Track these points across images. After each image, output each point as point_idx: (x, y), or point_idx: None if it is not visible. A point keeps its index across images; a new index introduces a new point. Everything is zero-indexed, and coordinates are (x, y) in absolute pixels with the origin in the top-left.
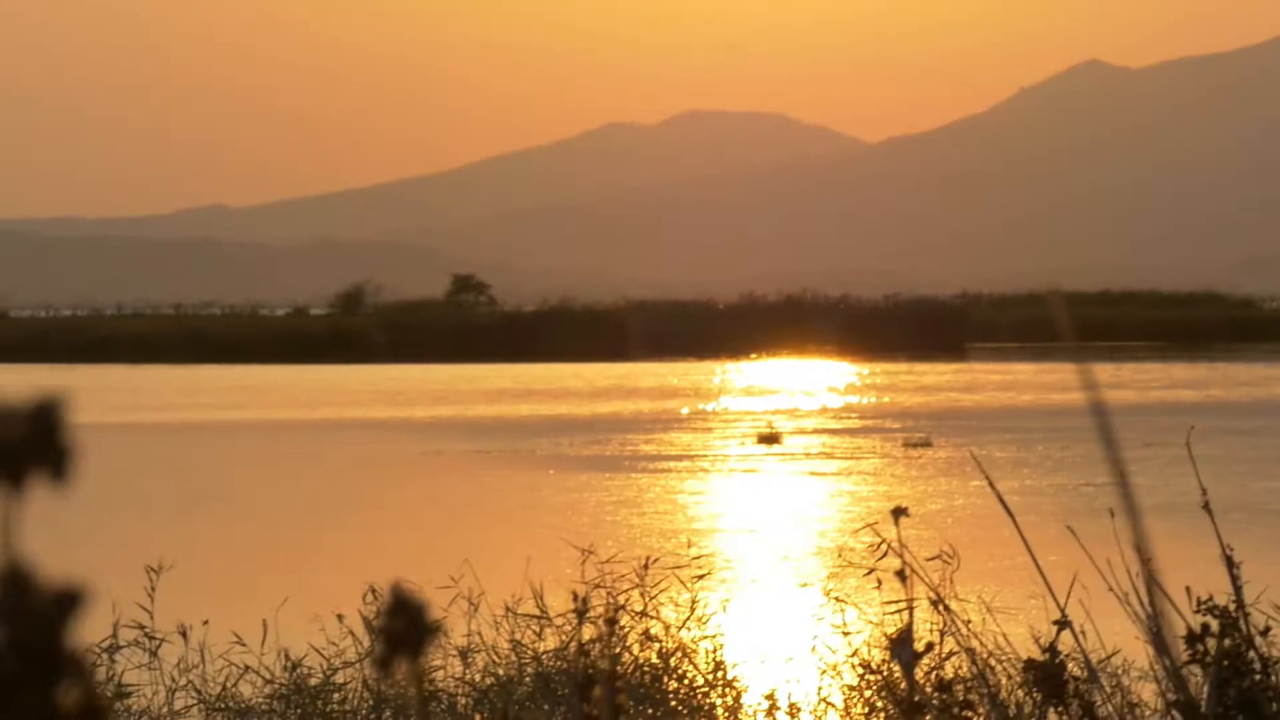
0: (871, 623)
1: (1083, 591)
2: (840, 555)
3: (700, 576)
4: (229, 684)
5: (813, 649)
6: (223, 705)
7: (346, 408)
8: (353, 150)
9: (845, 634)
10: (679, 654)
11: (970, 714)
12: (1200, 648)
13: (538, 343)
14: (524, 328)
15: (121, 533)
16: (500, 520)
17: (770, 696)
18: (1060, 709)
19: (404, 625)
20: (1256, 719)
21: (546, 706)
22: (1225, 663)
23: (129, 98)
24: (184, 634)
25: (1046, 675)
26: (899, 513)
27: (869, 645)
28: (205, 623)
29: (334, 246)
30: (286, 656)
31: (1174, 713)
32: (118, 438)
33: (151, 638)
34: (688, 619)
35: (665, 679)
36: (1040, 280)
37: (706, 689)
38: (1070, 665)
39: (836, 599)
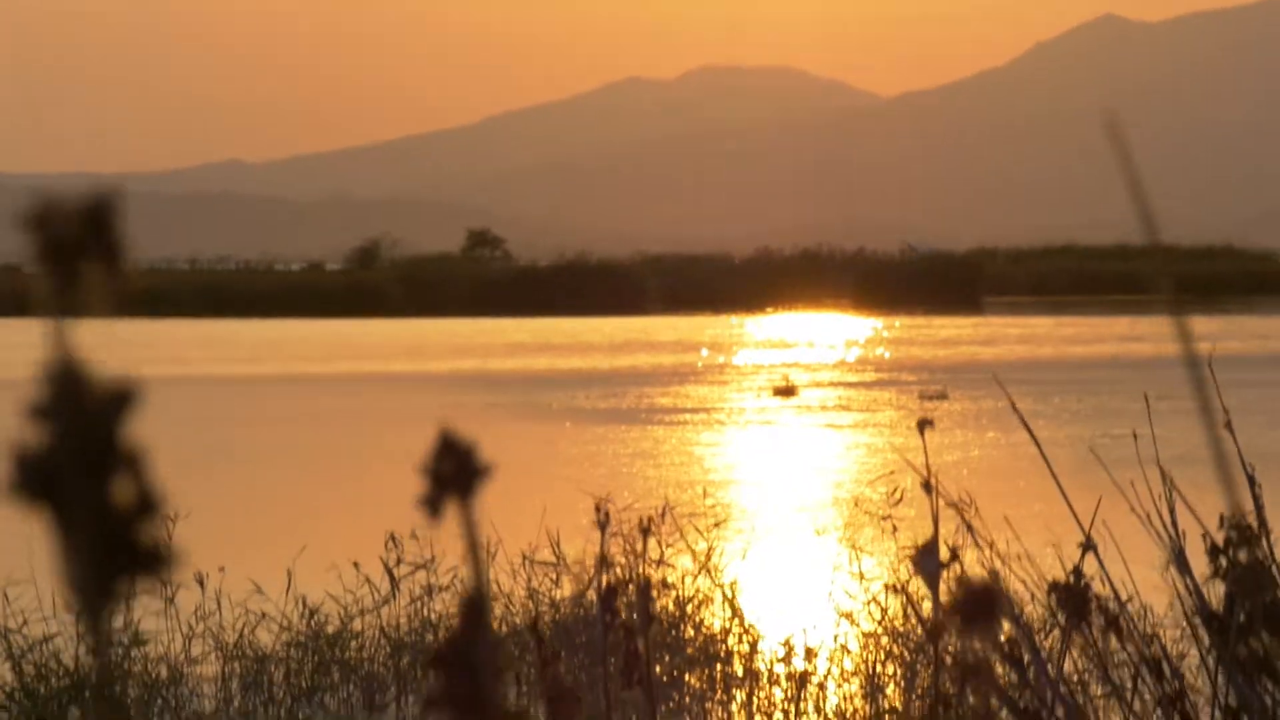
0: (888, 569)
1: (1105, 531)
2: (857, 505)
3: (717, 524)
4: (246, 631)
5: (829, 595)
6: (239, 653)
7: (363, 361)
8: (370, 105)
9: (862, 579)
10: (695, 601)
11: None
12: (1223, 561)
13: (554, 297)
14: (540, 282)
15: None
16: (517, 471)
17: (787, 643)
18: (1084, 627)
19: (453, 466)
20: (1278, 631)
21: (563, 652)
22: (1246, 574)
23: (146, 52)
24: (200, 582)
25: (1071, 595)
26: (924, 424)
27: (886, 591)
28: (222, 570)
29: (351, 201)
30: (304, 604)
31: (1195, 627)
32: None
33: (167, 584)
34: (704, 566)
35: (682, 626)
36: (1056, 235)
37: (723, 636)
38: (1095, 586)
39: (853, 546)
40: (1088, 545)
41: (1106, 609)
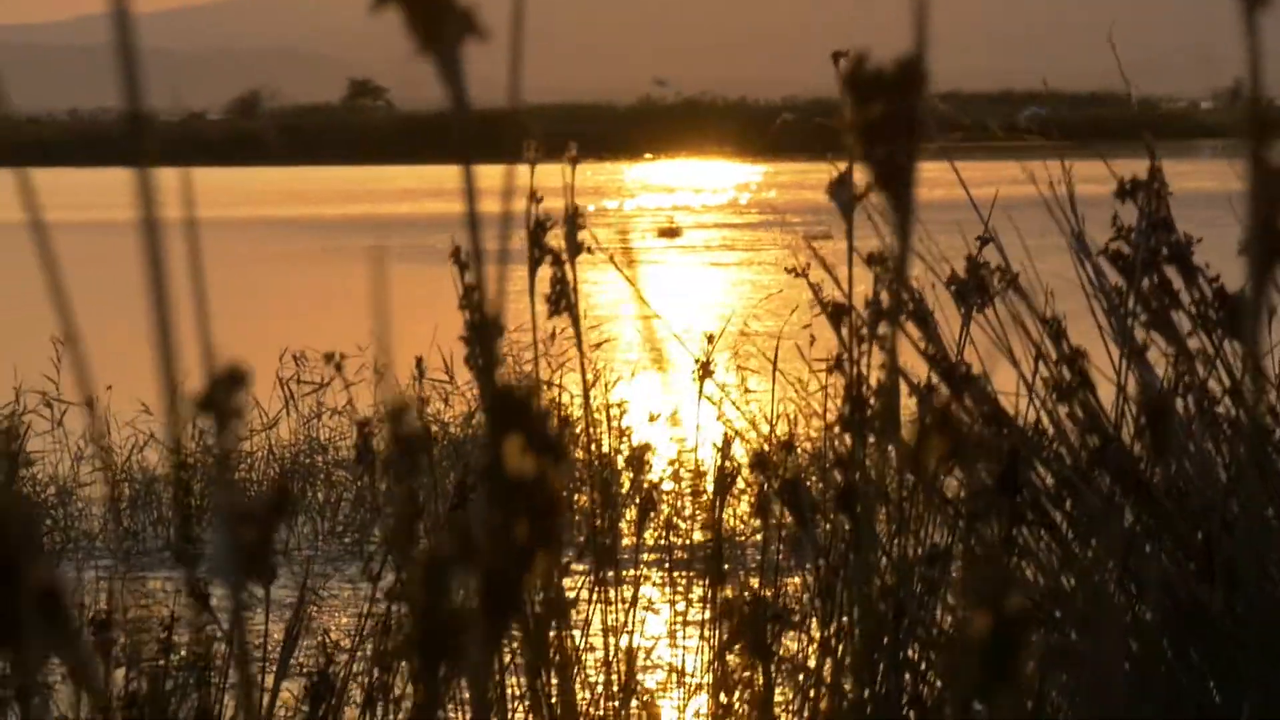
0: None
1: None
2: (743, 334)
3: (599, 345)
4: (135, 453)
5: (719, 416)
6: (127, 474)
7: (246, 207)
8: None
9: (748, 394)
10: (582, 421)
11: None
12: (1126, 208)
13: (436, 145)
14: (423, 131)
15: (32, 317)
16: (404, 307)
17: (675, 461)
18: (983, 310)
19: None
20: (1187, 270)
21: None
22: (1148, 224)
23: None
24: (89, 403)
25: (971, 279)
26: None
27: (775, 410)
28: (109, 388)
29: (234, 53)
30: (193, 425)
31: (1093, 298)
32: (16, 236)
33: (52, 405)
34: (591, 386)
35: (570, 445)
36: (943, 82)
37: (613, 454)
38: (994, 277)
39: (740, 369)
40: (986, 239)
41: (1007, 299)
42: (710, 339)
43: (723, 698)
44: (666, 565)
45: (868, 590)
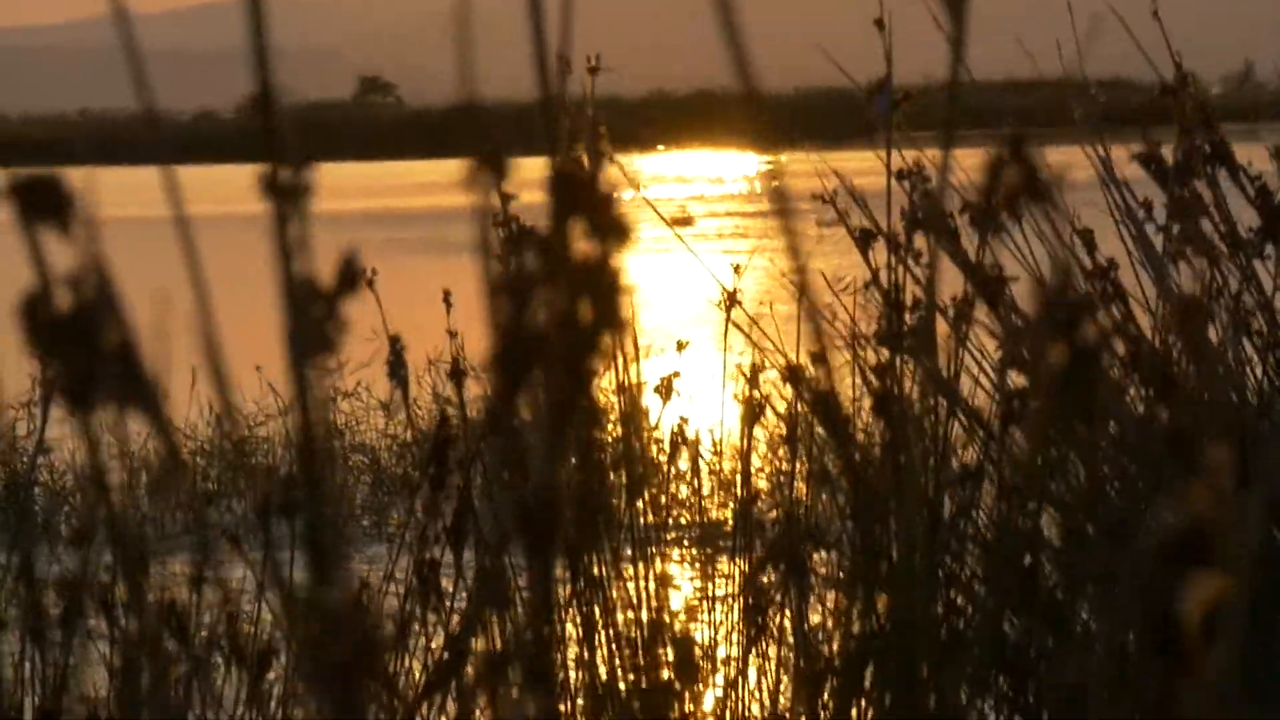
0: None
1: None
2: (759, 317)
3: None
4: (150, 441)
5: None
6: (144, 461)
7: (260, 202)
8: None
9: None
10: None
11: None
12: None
13: (448, 140)
14: (434, 126)
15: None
16: (419, 297)
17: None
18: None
19: None
20: (1230, 168)
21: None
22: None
23: None
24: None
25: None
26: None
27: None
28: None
29: (246, 53)
30: (209, 411)
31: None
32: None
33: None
34: (606, 369)
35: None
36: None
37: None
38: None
39: (756, 348)
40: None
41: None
42: (737, 269)
43: (758, 620)
44: (687, 542)
45: (905, 503)
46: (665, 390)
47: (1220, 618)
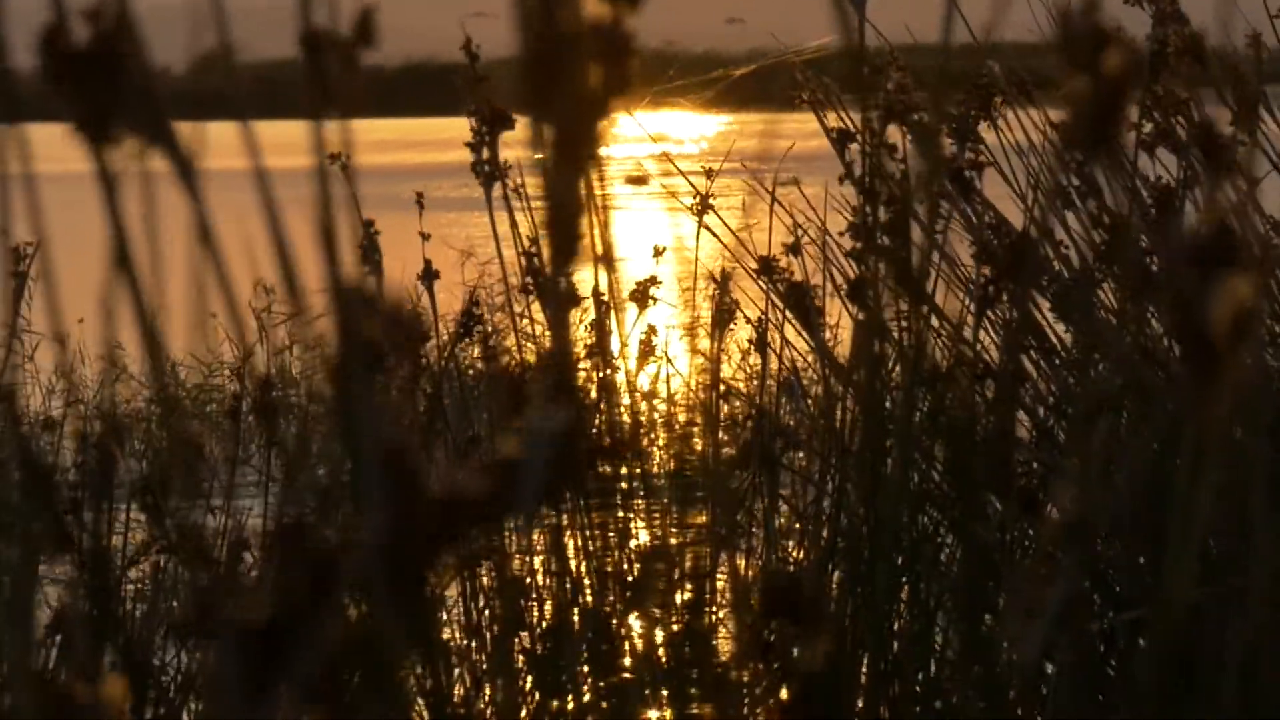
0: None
1: None
2: (717, 271)
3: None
4: (107, 387)
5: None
6: (99, 410)
7: (221, 159)
8: None
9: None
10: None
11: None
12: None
13: (400, 99)
14: (387, 85)
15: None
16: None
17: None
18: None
19: None
20: (1202, 63)
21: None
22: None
23: None
24: (61, 340)
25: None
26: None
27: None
28: (80, 321)
29: (192, 8)
30: (166, 359)
31: None
32: None
33: (19, 338)
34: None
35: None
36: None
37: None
38: None
39: (726, 249)
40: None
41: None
42: (709, 174)
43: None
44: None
45: (873, 388)
46: (641, 297)
47: (1247, 317)
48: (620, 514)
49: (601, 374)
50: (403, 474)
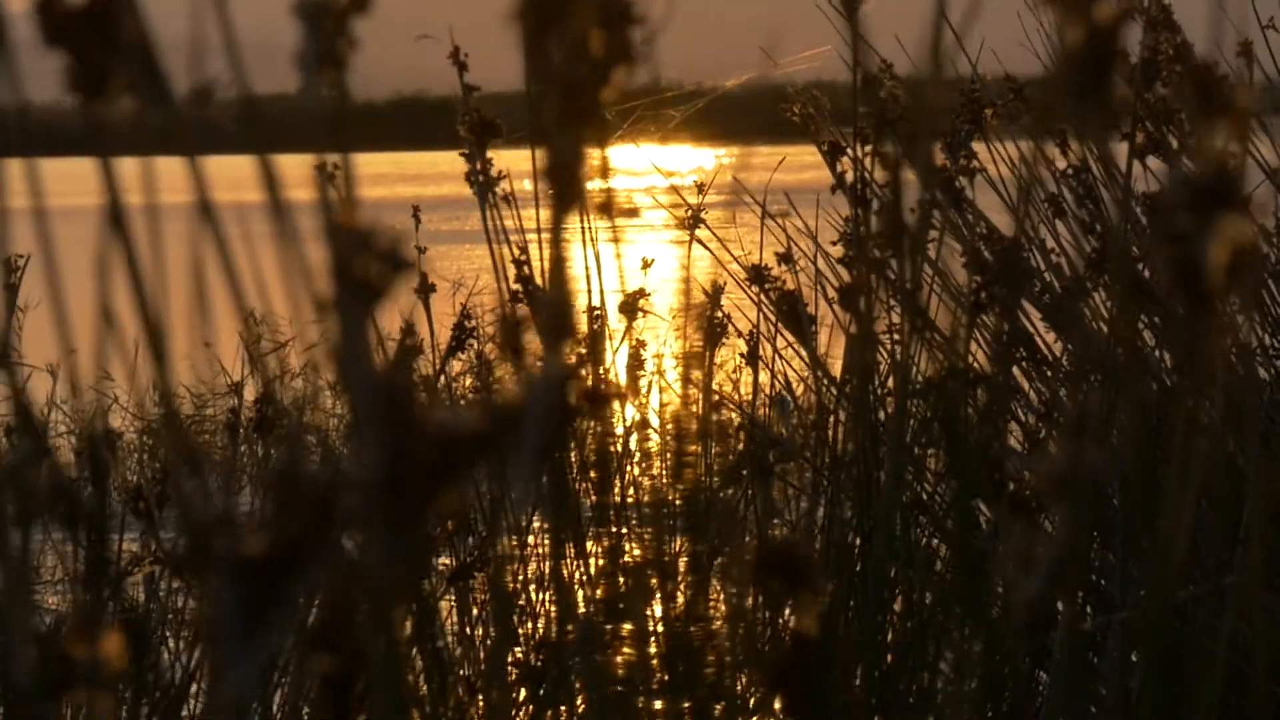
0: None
1: None
2: (703, 306)
3: None
4: (98, 418)
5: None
6: (91, 440)
7: (215, 192)
8: None
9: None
10: None
11: None
12: None
13: (395, 132)
14: (379, 119)
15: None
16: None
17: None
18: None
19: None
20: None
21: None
22: None
23: None
24: (52, 372)
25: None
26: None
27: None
28: (73, 352)
29: (176, 46)
30: (154, 389)
31: None
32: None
33: (13, 368)
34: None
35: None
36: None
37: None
38: None
39: (717, 260)
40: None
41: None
42: (700, 188)
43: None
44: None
45: (861, 414)
46: (631, 309)
47: (1242, 258)
48: (615, 533)
49: (592, 326)
50: (400, 411)
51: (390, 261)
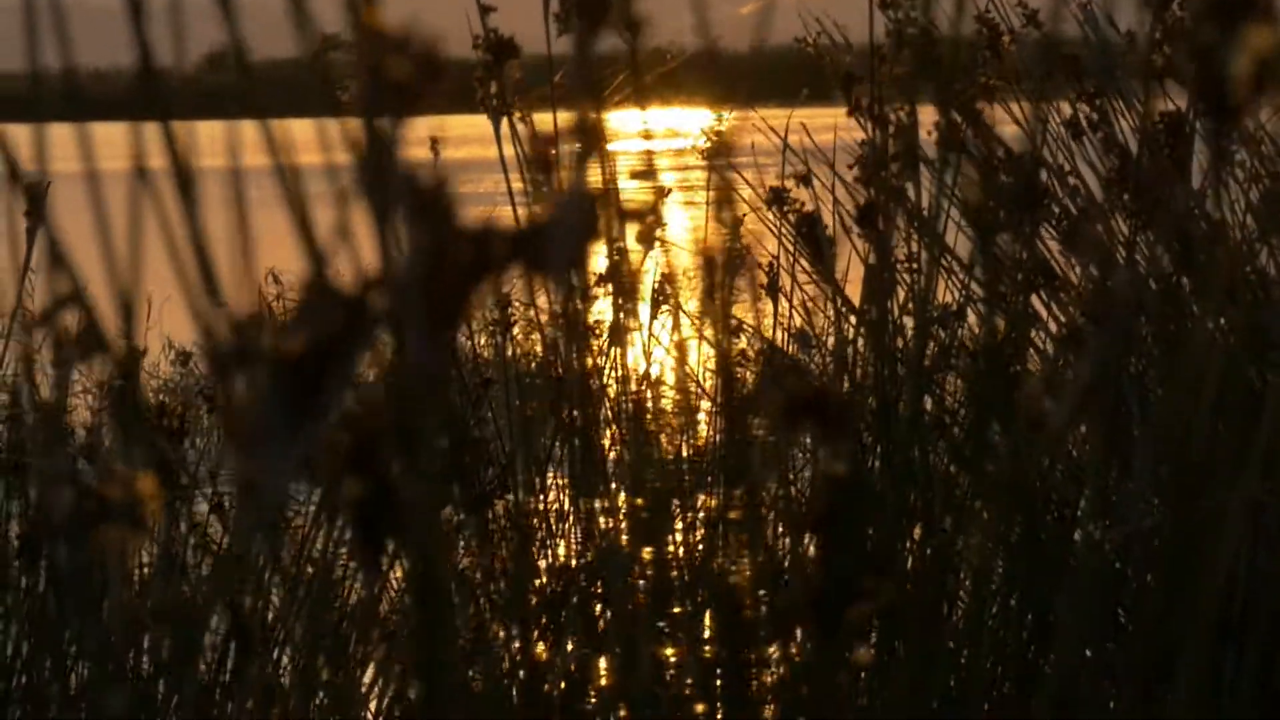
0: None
1: None
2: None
3: None
4: (115, 376)
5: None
6: (108, 398)
7: (219, 157)
8: None
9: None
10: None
11: None
12: None
13: (409, 96)
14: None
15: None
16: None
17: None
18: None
19: None
20: None
21: None
22: None
23: None
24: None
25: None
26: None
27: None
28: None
29: (193, 8)
30: (169, 346)
31: None
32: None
33: (27, 327)
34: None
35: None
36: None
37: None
38: None
39: (733, 189)
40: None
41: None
42: (719, 123)
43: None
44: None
45: (878, 342)
46: (647, 238)
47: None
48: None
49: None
50: (434, 209)
51: (424, 64)
